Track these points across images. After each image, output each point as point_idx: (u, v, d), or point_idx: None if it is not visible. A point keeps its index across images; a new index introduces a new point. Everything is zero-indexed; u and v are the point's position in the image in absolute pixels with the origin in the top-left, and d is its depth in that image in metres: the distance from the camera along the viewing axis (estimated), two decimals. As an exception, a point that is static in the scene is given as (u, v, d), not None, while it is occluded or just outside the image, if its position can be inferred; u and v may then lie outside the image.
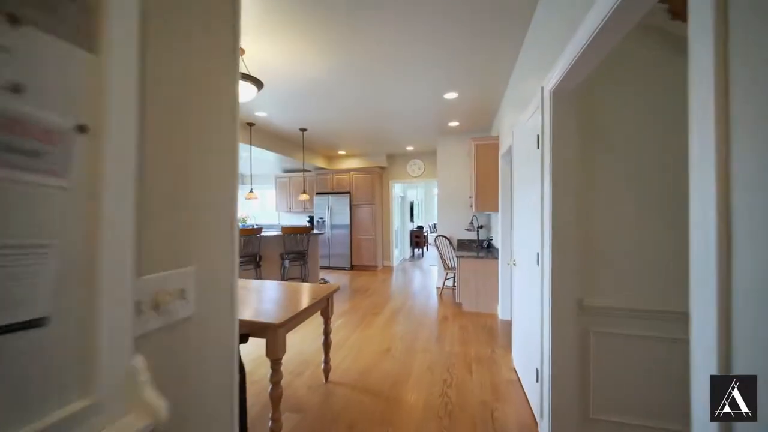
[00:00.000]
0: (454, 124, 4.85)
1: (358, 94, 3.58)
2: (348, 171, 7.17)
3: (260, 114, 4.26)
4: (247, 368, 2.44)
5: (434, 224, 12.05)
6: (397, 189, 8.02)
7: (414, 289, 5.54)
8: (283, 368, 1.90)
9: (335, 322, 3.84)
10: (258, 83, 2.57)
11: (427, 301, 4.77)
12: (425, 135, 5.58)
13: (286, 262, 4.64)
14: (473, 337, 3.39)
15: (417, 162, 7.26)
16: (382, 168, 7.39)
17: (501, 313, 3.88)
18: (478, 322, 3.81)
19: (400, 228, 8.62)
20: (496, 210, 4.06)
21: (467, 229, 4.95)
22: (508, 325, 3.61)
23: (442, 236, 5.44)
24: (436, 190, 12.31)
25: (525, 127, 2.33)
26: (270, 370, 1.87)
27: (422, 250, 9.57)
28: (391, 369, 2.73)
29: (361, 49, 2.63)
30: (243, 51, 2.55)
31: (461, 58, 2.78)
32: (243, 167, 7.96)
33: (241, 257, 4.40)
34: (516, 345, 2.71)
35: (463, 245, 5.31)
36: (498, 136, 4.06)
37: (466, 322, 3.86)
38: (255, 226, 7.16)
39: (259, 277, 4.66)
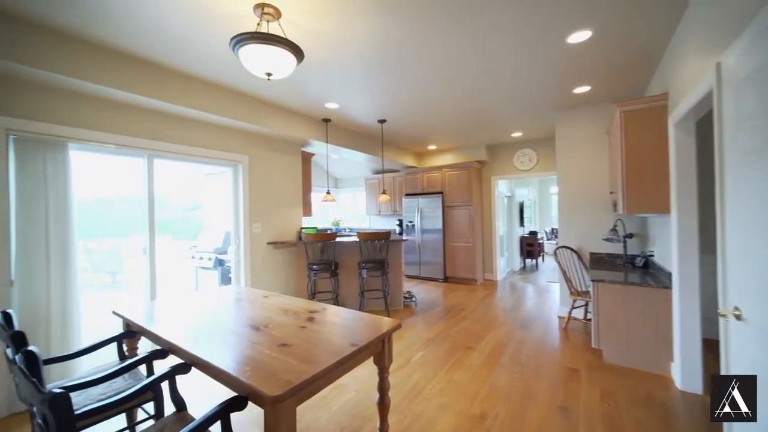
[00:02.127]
0: (582, 89, 3.44)
1: (444, 62, 2.70)
2: (440, 168, 6.25)
3: (331, 106, 3.80)
4: None
5: (553, 229, 9.94)
6: (501, 187, 6.67)
7: (526, 314, 4.24)
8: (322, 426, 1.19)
9: (415, 356, 3.02)
10: (297, 52, 1.98)
11: (546, 336, 3.47)
12: (538, 114, 4.24)
13: (364, 272, 4.07)
14: (629, 419, 2.06)
15: (526, 152, 5.82)
16: (481, 162, 6.21)
17: (681, 380, 2.37)
18: (634, 389, 2.40)
19: (506, 234, 7.20)
20: (663, 211, 2.56)
21: (606, 239, 3.44)
22: (700, 403, 2.13)
23: (566, 247, 4.00)
24: (554, 188, 10.18)
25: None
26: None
27: (536, 261, 7.84)
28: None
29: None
30: (277, 12, 2.01)
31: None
32: (331, 168, 7.92)
33: (316, 263, 4.03)
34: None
35: (599, 261, 3.76)
36: (666, 94, 2.56)
37: (613, 383, 2.49)
38: (333, 230, 6.97)
39: (336, 286, 4.22)
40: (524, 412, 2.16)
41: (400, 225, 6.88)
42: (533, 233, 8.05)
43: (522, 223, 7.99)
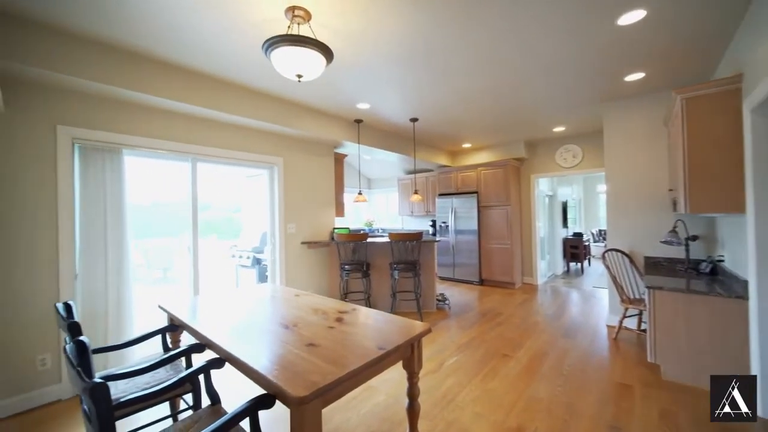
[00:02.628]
0: (635, 77, 3.12)
1: (479, 55, 2.58)
2: (475, 167, 6.04)
3: (362, 106, 3.80)
4: None
5: (600, 231, 9.25)
6: (542, 185, 6.30)
7: (569, 321, 3.95)
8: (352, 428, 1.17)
9: (447, 361, 2.92)
10: (326, 52, 1.99)
11: (592, 347, 3.20)
12: (583, 106, 3.93)
13: (396, 272, 4.02)
14: (695, 446, 1.81)
15: (570, 148, 5.44)
16: (520, 160, 5.90)
17: (761, 405, 2.05)
18: (699, 410, 2.12)
19: (547, 235, 6.79)
20: (736, 210, 2.24)
21: (665, 242, 3.10)
22: (786, 438, 1.83)
23: (616, 250, 3.67)
24: (601, 186, 9.43)
25: None
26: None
27: (581, 265, 7.31)
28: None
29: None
30: (308, 14, 2.03)
31: None
32: (364, 168, 7.96)
33: (348, 264, 4.05)
34: None
35: (655, 266, 3.40)
36: (739, 75, 2.24)
37: (673, 403, 2.22)
38: (365, 231, 6.97)
39: (368, 287, 4.21)
40: (567, 428, 1.98)
41: (434, 226, 6.75)
42: (578, 235, 7.51)
43: (565, 224, 7.48)
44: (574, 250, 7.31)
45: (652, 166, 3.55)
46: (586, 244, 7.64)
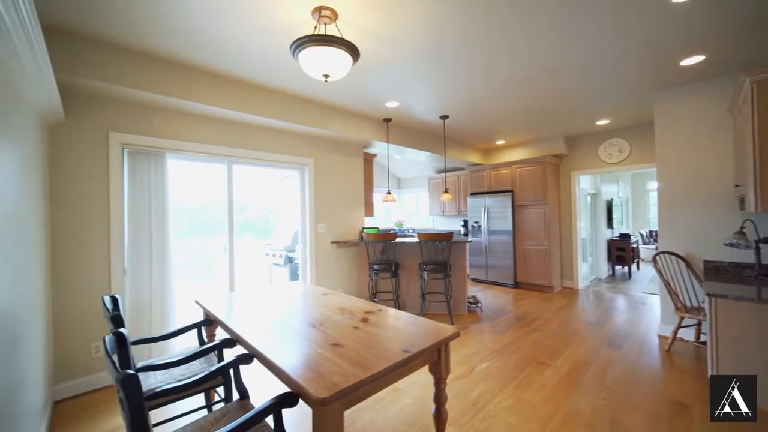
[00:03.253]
0: (693, 60, 2.80)
1: (512, 44, 2.46)
2: (510, 164, 5.78)
3: (391, 104, 3.77)
4: None
5: (650, 232, 8.51)
6: (583, 183, 5.90)
7: (615, 329, 3.65)
8: (378, 430, 1.15)
9: (479, 366, 2.80)
10: (352, 50, 1.97)
11: (641, 358, 2.92)
12: (631, 95, 3.62)
13: (425, 273, 3.94)
14: (769, 479, 1.58)
15: (616, 142, 5.04)
16: (559, 156, 5.57)
17: None
18: (775, 439, 1.84)
19: (590, 236, 6.35)
20: (822, 206, 1.92)
21: (729, 244, 2.75)
22: None
23: (670, 253, 3.33)
24: (652, 183, 8.64)
25: None
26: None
27: (629, 268, 6.75)
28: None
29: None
30: (334, 14, 2.03)
31: None
32: (394, 168, 7.93)
33: (377, 264, 4.03)
34: None
35: (717, 272, 3.04)
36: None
37: (740, 427, 1.94)
38: (395, 231, 6.91)
39: (397, 287, 4.17)
40: (612, 448, 1.81)
41: (465, 226, 6.57)
42: (625, 236, 6.95)
43: (610, 225, 6.95)
44: (621, 252, 6.76)
45: (712, 160, 3.18)
46: (634, 246, 7.04)
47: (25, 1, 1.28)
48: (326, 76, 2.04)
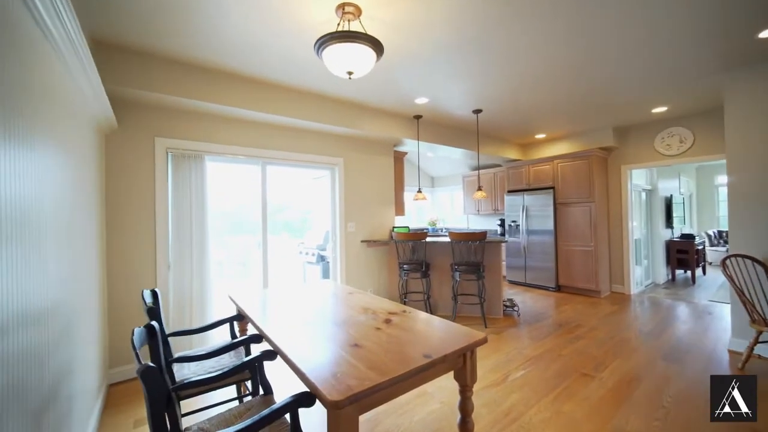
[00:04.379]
0: (773, 33, 2.41)
1: (553, 25, 2.27)
2: (551, 159, 5.41)
3: (421, 101, 3.67)
4: None
5: (719, 233, 7.57)
6: (637, 178, 5.37)
7: (673, 341, 3.26)
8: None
9: (514, 374, 2.64)
10: (375, 45, 1.93)
11: (706, 376, 2.57)
12: (694, 78, 3.20)
13: (457, 274, 3.80)
14: None
15: (676, 131, 4.51)
16: (607, 149, 5.11)
17: None
18: None
19: (645, 237, 5.77)
20: None
21: (823, 246, 2.32)
22: None
23: (743, 256, 2.91)
24: (721, 177, 7.62)
25: None
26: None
27: (692, 273, 6.03)
28: None
29: None
30: (358, 9, 2.00)
31: None
32: (427, 166, 7.78)
33: (407, 263, 3.96)
34: None
35: (806, 278, 2.58)
36: None
37: (837, 467, 1.62)
38: (428, 230, 6.75)
39: (428, 288, 4.07)
40: (668, 477, 1.59)
41: (502, 225, 6.27)
42: (688, 237, 6.22)
43: (670, 224, 6.26)
44: (682, 255, 6.05)
45: (800, 148, 2.71)
46: (699, 248, 6.27)
47: (70, 17, 1.39)
48: (350, 73, 2.02)
